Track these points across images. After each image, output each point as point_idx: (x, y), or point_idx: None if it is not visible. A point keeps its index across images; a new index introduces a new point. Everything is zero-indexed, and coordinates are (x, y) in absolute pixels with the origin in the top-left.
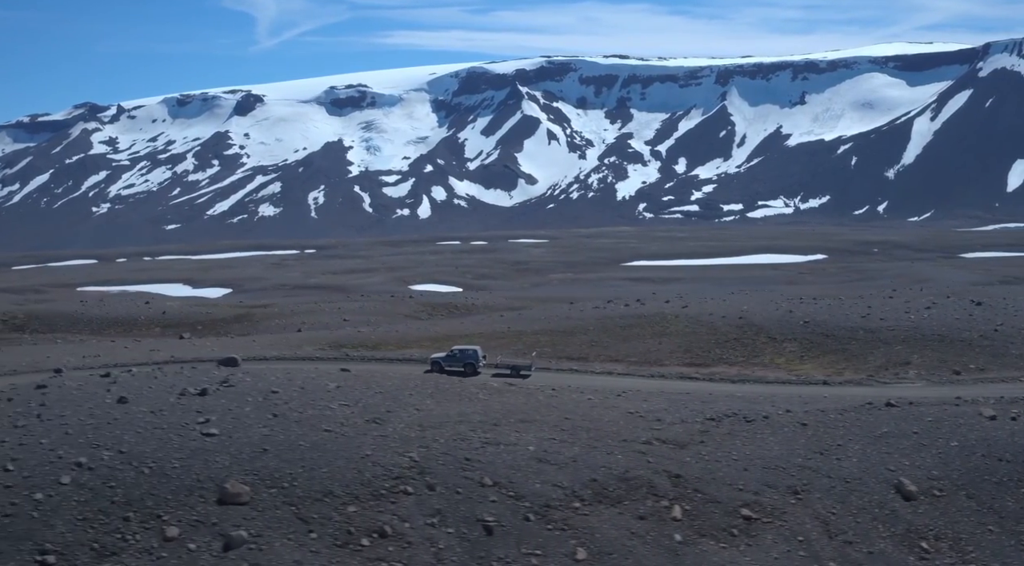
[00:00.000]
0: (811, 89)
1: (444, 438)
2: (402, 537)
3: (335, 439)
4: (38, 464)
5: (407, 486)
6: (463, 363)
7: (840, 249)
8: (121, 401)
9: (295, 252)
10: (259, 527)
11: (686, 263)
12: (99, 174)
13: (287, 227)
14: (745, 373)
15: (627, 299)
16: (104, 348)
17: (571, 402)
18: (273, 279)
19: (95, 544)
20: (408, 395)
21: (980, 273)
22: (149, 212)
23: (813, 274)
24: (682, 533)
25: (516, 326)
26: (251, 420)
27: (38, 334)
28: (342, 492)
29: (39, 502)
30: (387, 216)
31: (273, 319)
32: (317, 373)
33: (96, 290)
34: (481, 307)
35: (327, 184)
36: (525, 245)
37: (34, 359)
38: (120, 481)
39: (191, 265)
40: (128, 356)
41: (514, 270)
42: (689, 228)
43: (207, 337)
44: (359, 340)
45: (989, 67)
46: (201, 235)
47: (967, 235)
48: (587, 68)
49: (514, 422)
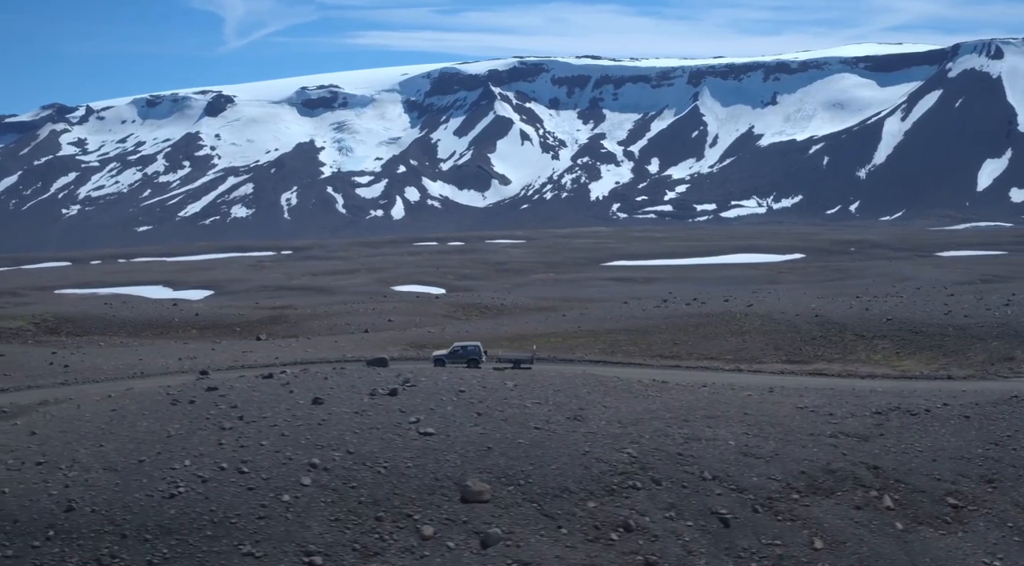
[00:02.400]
0: (782, 89)
1: (648, 434)
2: (646, 531)
3: (549, 437)
4: (271, 466)
5: (635, 481)
6: (467, 359)
7: (817, 248)
8: (316, 402)
9: (271, 253)
10: (507, 524)
11: (666, 263)
12: (68, 176)
13: (260, 228)
14: (849, 370)
15: (684, 298)
16: (188, 350)
17: (736, 399)
18: (254, 281)
19: (356, 544)
20: (586, 393)
21: (960, 272)
22: (120, 214)
23: (793, 273)
24: (900, 521)
25: (586, 326)
26: (459, 419)
27: (74, 337)
28: (577, 488)
29: (289, 504)
30: (361, 217)
31: (312, 321)
32: (480, 373)
33: (75, 293)
34: (511, 308)
35: (300, 185)
36: (503, 245)
37: (126, 362)
38: (360, 481)
39: (168, 267)
40: (221, 358)
41: (495, 270)
42: (665, 228)
43: (279, 338)
44: (435, 340)
45: (958, 68)
46: (173, 237)
47: (941, 234)
48: (559, 69)
49: (701, 418)
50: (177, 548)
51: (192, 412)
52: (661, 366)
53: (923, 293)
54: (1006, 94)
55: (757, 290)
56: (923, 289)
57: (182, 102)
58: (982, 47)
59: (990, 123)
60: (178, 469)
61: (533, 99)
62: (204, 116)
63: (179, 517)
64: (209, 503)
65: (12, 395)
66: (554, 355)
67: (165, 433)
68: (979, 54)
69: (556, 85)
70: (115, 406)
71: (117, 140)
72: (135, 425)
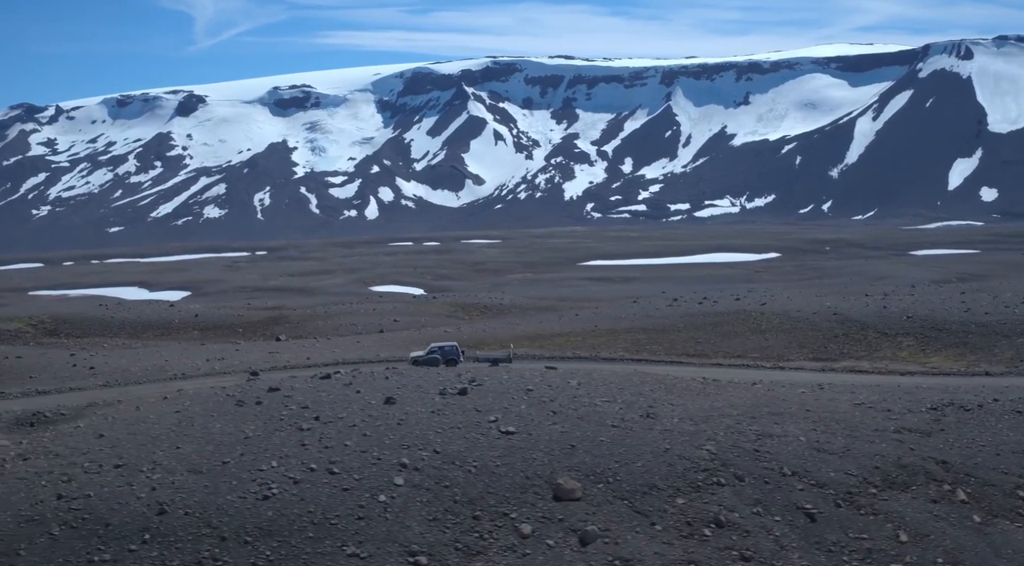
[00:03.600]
0: (755, 89)
1: (722, 431)
2: (737, 526)
3: (627, 435)
4: (361, 466)
5: (718, 477)
6: (446, 359)
7: (792, 248)
8: (388, 402)
9: (246, 254)
10: (602, 522)
11: (642, 262)
12: (38, 176)
13: (233, 229)
14: (879, 367)
15: (695, 297)
16: (211, 351)
17: (791, 396)
18: (231, 281)
19: (457, 544)
20: (648, 391)
21: (936, 270)
22: (91, 215)
23: (770, 272)
24: (977, 514)
25: (602, 325)
26: (536, 418)
27: (74, 338)
28: (664, 485)
29: (386, 504)
30: (334, 217)
31: (313, 321)
32: (538, 372)
33: (50, 294)
34: (511, 307)
35: (272, 185)
36: (479, 245)
37: (153, 364)
38: (453, 481)
39: (142, 268)
40: (251, 359)
41: (472, 270)
42: (640, 228)
43: (298, 339)
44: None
45: (929, 68)
46: (146, 238)
47: (914, 233)
48: (532, 69)
49: (766, 415)
50: (280, 550)
51: (262, 413)
52: (700, 364)
53: (937, 291)
54: (976, 94)
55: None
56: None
57: (153, 102)
58: (952, 47)
59: (960, 123)
60: (266, 470)
61: (506, 99)
62: (175, 116)
63: (277, 518)
64: (306, 504)
65: (55, 397)
66: (576, 353)
67: (242, 434)
68: (949, 54)
69: (529, 85)
70: (177, 408)
71: (87, 140)
72: (207, 427)
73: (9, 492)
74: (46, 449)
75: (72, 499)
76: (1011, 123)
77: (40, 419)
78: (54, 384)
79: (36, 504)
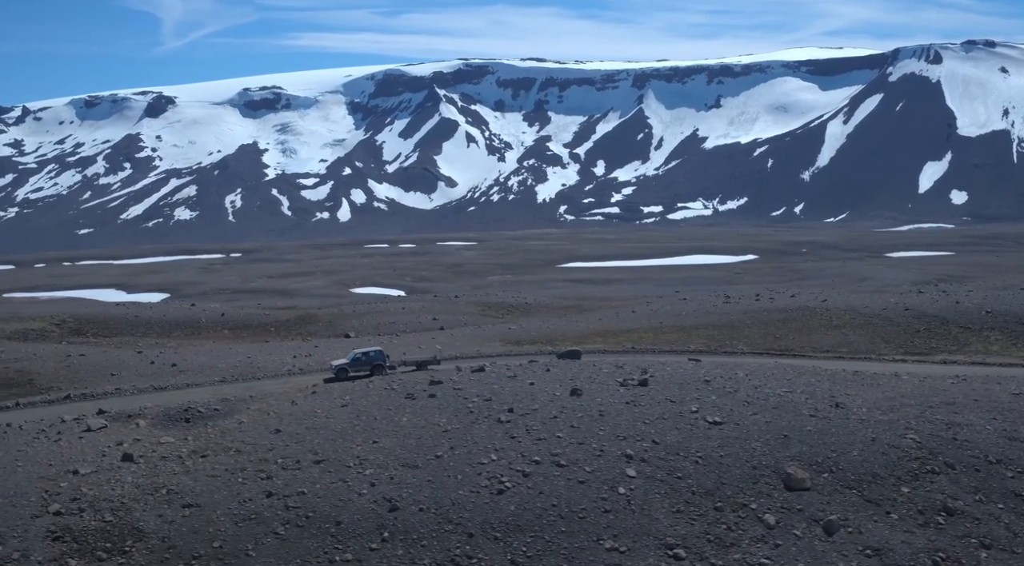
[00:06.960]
0: (726, 93)
1: (914, 421)
2: (966, 514)
3: (829, 424)
4: (585, 458)
5: (931, 466)
6: (371, 365)
7: (770, 250)
8: (575, 393)
9: (220, 256)
10: (838, 511)
11: (621, 264)
12: (5, 177)
13: (204, 231)
14: (977, 361)
15: (747, 296)
16: (295, 348)
17: (945, 386)
18: (210, 283)
19: (709, 535)
20: (815, 381)
21: (915, 272)
22: (59, 216)
23: (749, 274)
24: None
25: (667, 322)
26: (734, 408)
27: (101, 338)
28: (886, 474)
29: (628, 496)
30: (307, 219)
31: (347, 320)
32: (687, 365)
33: (24, 296)
34: (536, 306)
35: (244, 187)
36: (456, 247)
37: (237, 362)
38: (684, 472)
39: (116, 270)
40: (334, 355)
41: (451, 272)
42: (615, 230)
43: (364, 336)
44: (535, 336)
45: (899, 72)
46: (116, 240)
47: (888, 235)
48: (504, 71)
49: (940, 404)
50: (535, 545)
51: (444, 406)
52: (799, 357)
53: (1004, 288)
54: (945, 98)
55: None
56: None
57: (121, 103)
58: (921, 52)
59: (930, 126)
60: (487, 464)
61: (478, 101)
62: (144, 117)
63: (521, 513)
64: (547, 498)
65: (188, 392)
66: (672, 347)
67: (438, 427)
68: (919, 59)
69: (501, 87)
70: (343, 402)
71: (55, 141)
72: (393, 420)
73: (208, 490)
74: (218, 445)
75: (285, 497)
76: (980, 127)
77: (194, 415)
78: (144, 381)
79: (245, 502)
